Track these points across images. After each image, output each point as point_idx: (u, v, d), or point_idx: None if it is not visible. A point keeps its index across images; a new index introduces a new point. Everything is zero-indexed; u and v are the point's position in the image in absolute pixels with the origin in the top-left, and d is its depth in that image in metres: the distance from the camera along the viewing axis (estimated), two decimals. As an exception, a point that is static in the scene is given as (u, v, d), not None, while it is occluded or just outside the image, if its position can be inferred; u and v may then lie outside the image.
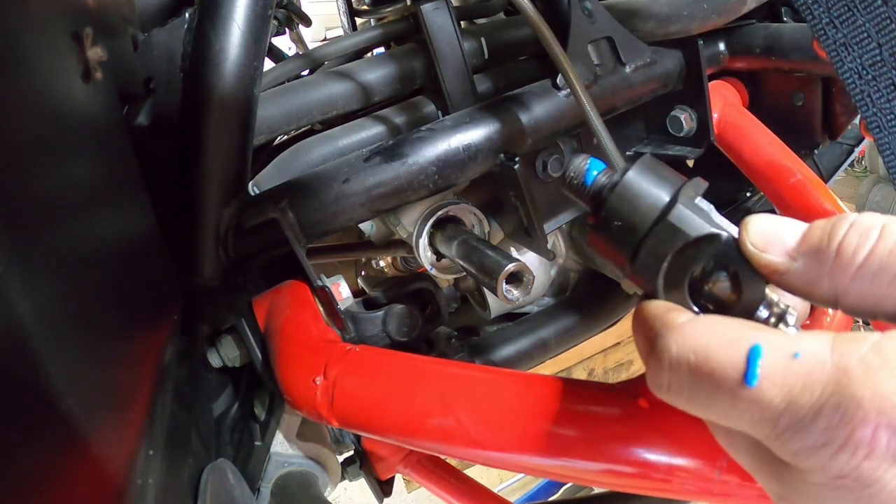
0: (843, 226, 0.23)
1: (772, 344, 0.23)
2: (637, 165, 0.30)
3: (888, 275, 0.22)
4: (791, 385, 0.22)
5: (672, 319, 0.26)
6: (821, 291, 0.24)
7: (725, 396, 0.23)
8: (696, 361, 0.24)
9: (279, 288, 0.52)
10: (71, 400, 0.23)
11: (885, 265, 0.22)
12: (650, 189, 0.29)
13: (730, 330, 0.24)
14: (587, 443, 0.34)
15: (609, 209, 0.30)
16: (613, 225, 0.30)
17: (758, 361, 0.22)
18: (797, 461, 0.22)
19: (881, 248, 0.22)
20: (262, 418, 0.53)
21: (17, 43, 0.24)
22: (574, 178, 0.33)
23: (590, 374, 1.88)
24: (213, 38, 0.48)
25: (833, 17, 0.37)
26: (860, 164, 3.36)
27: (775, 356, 0.22)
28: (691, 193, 0.29)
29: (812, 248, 0.24)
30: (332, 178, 0.55)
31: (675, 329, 0.25)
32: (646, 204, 0.29)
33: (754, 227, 0.26)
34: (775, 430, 0.22)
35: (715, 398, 0.23)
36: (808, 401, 0.21)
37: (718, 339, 0.24)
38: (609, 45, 0.67)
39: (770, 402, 0.22)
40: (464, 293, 0.87)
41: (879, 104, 0.37)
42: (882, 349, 0.21)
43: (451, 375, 0.40)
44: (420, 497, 1.89)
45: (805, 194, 0.69)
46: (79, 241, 0.28)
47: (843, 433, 0.21)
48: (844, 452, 0.21)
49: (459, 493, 0.62)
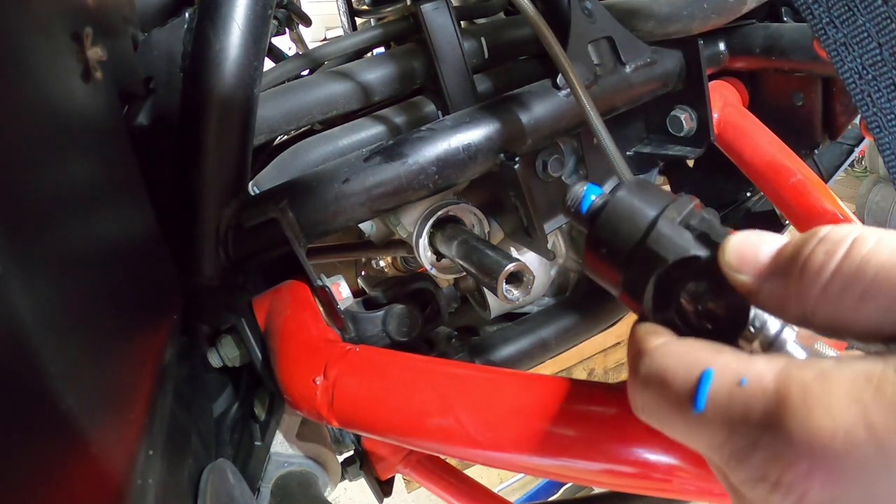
0: (812, 241, 0.22)
1: (724, 368, 0.22)
2: (621, 190, 0.31)
3: (854, 294, 0.20)
4: (732, 413, 0.21)
5: (648, 342, 0.26)
6: (790, 312, 0.23)
7: (680, 420, 0.23)
8: (659, 384, 0.24)
9: (279, 288, 0.52)
10: (71, 400, 0.23)
11: (850, 283, 0.20)
12: (633, 213, 0.30)
13: (691, 353, 0.24)
14: (587, 443, 0.34)
15: (595, 234, 0.31)
16: (601, 251, 0.31)
17: (707, 386, 0.22)
18: (744, 490, 0.21)
19: (847, 264, 0.20)
20: (262, 418, 0.53)
21: (17, 43, 0.24)
22: (572, 205, 0.33)
23: (590, 374, 1.88)
24: (213, 38, 0.48)
25: (833, 17, 0.37)
26: (860, 164, 3.36)
27: (723, 381, 0.22)
28: (673, 214, 0.29)
29: (780, 267, 0.23)
30: (332, 177, 0.55)
31: (647, 352, 0.25)
32: (627, 229, 0.29)
33: (730, 246, 0.25)
34: (722, 458, 0.22)
35: (674, 421, 0.23)
36: (745, 431, 0.20)
37: (678, 361, 0.23)
38: (609, 45, 0.67)
39: (714, 430, 0.21)
40: (464, 293, 0.87)
41: (880, 104, 0.37)
42: (828, 378, 0.19)
43: (451, 375, 0.40)
44: (420, 497, 1.89)
45: (805, 194, 0.69)
46: (79, 241, 0.28)
47: (774, 472, 0.20)
48: (777, 493, 0.20)
49: (459, 493, 0.62)
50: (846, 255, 0.21)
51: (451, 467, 0.63)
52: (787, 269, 0.22)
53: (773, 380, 0.20)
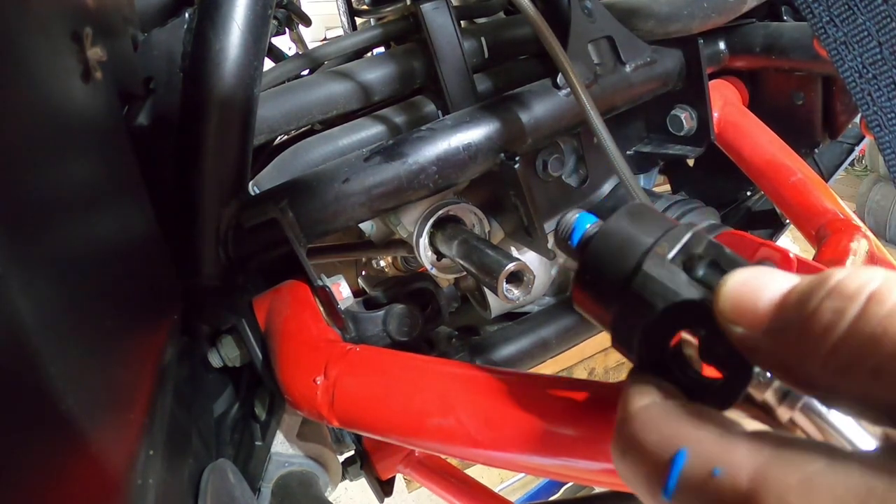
0: (820, 291, 0.18)
1: (699, 451, 0.19)
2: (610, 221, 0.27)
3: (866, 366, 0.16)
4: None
5: (632, 404, 0.23)
6: (795, 379, 0.19)
7: (651, 499, 0.21)
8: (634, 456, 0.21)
9: (279, 288, 0.52)
10: (71, 400, 0.23)
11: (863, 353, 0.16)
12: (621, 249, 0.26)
13: (670, 426, 0.21)
14: (588, 442, 0.34)
15: (582, 271, 0.28)
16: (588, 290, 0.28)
17: (678, 471, 0.19)
18: None
19: (860, 327, 0.16)
20: (262, 418, 0.53)
21: (16, 43, 0.24)
22: (563, 235, 0.30)
23: (590, 374, 1.88)
24: (212, 38, 0.48)
25: (833, 16, 0.37)
26: (860, 163, 3.36)
27: (696, 467, 0.19)
28: (664, 250, 0.25)
29: (783, 321, 0.19)
30: (333, 177, 0.55)
31: (628, 417, 0.23)
32: (615, 268, 0.26)
33: (726, 291, 0.21)
34: None
35: (646, 499, 0.21)
36: None
37: (656, 436, 0.21)
38: (609, 45, 0.67)
39: None
40: (464, 293, 0.87)
41: (880, 102, 0.37)
42: (813, 489, 0.16)
43: (452, 375, 0.40)
44: (420, 497, 1.89)
45: (805, 193, 0.69)
46: (79, 241, 0.28)
47: None
48: None
49: (460, 493, 0.62)
50: (859, 315, 0.16)
51: (452, 467, 0.63)
52: (788, 325, 0.18)
53: (749, 478, 0.17)
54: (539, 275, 0.77)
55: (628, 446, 0.22)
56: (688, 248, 0.25)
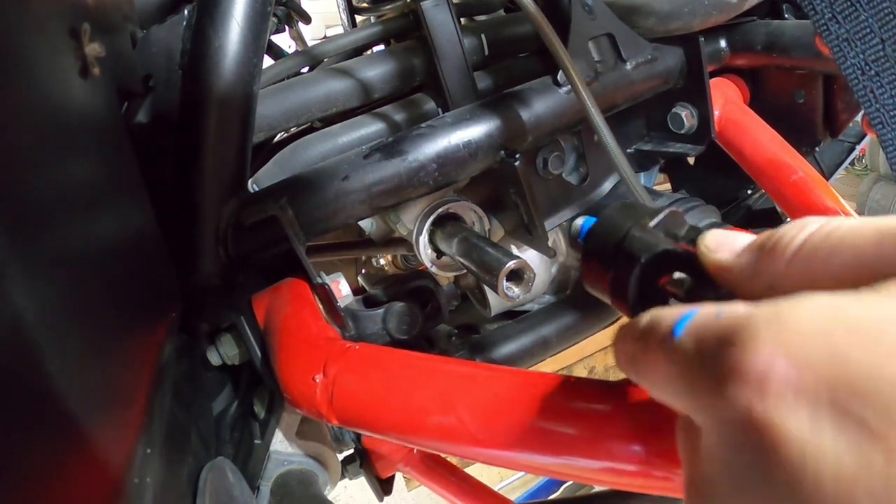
0: (787, 225, 0.24)
1: (705, 308, 0.23)
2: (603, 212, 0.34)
3: (823, 253, 0.22)
4: (704, 333, 0.22)
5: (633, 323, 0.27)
6: (761, 283, 0.24)
7: (661, 354, 0.24)
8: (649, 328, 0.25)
9: (279, 285, 0.52)
10: (70, 399, 0.22)
11: (819, 246, 0.22)
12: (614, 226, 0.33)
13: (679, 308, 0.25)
14: (588, 441, 0.33)
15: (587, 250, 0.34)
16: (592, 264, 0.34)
17: (687, 321, 0.23)
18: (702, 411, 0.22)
19: (817, 234, 0.22)
20: (261, 416, 0.53)
21: (14, 39, 0.24)
22: (574, 235, 0.36)
23: (591, 372, 1.88)
24: (212, 35, 0.48)
25: (836, 13, 0.36)
26: (860, 162, 3.35)
27: (702, 315, 0.23)
28: (646, 221, 0.31)
29: (756, 244, 0.25)
30: (332, 175, 0.55)
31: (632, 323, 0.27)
32: (610, 240, 0.32)
33: (710, 234, 0.27)
34: (688, 379, 0.22)
35: (654, 359, 0.24)
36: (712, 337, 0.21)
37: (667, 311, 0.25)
38: (610, 42, 0.67)
39: (686, 350, 0.22)
40: (464, 291, 0.87)
41: (882, 100, 0.37)
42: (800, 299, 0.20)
43: (452, 373, 0.40)
44: (420, 495, 1.89)
45: (806, 192, 0.69)
46: (78, 239, 0.28)
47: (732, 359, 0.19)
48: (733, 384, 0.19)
49: (460, 492, 0.62)
50: (818, 228, 0.22)
51: (452, 465, 0.63)
52: (762, 245, 0.24)
53: (747, 307, 0.21)
54: (539, 273, 0.77)
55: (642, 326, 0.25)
56: (665, 224, 0.31)
